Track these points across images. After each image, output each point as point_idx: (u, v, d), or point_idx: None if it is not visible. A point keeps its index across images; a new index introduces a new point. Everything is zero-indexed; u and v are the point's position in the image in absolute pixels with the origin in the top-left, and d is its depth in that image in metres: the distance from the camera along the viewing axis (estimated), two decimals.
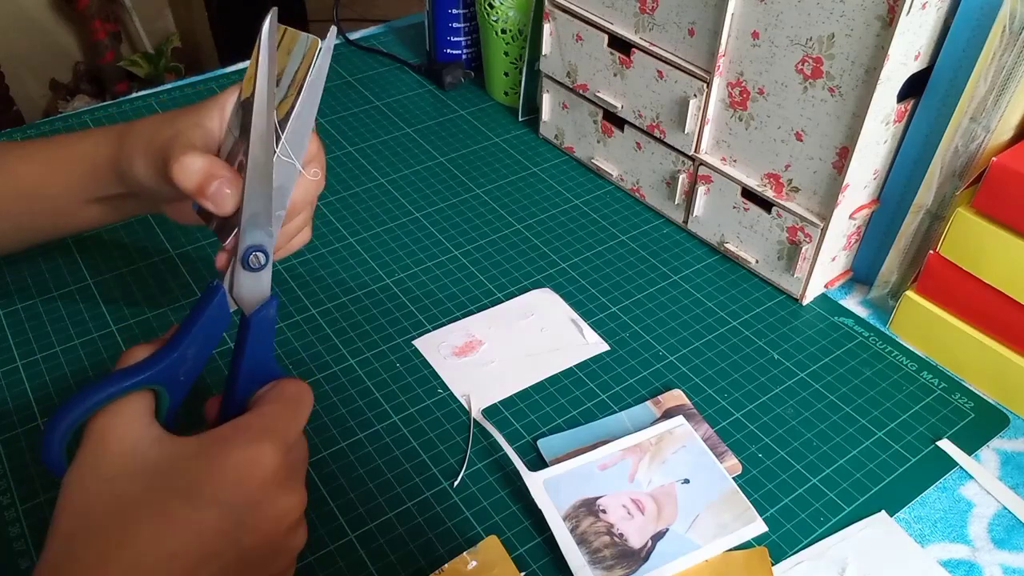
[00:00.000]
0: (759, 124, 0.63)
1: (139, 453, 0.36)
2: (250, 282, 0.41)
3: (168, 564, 0.35)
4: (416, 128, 0.84)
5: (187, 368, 0.40)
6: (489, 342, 0.61)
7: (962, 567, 0.49)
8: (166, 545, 0.35)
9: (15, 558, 0.48)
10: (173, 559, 0.35)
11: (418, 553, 0.48)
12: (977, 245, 0.56)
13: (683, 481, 0.51)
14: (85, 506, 0.35)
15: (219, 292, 0.40)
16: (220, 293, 0.40)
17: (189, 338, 0.39)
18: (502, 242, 0.70)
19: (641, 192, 0.75)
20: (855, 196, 0.61)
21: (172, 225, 0.70)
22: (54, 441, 0.37)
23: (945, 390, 0.59)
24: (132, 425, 0.37)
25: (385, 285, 0.66)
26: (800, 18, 0.56)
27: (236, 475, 0.36)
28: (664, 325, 0.63)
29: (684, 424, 0.55)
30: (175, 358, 0.39)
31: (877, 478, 0.53)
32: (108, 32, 1.95)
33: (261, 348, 0.42)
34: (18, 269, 0.65)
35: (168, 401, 0.39)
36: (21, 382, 0.57)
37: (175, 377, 0.39)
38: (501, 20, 0.81)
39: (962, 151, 0.56)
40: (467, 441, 0.54)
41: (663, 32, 0.66)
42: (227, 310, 0.41)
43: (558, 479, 0.51)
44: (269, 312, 0.42)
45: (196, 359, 0.40)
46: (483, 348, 0.60)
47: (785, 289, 0.66)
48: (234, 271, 0.40)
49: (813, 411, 0.57)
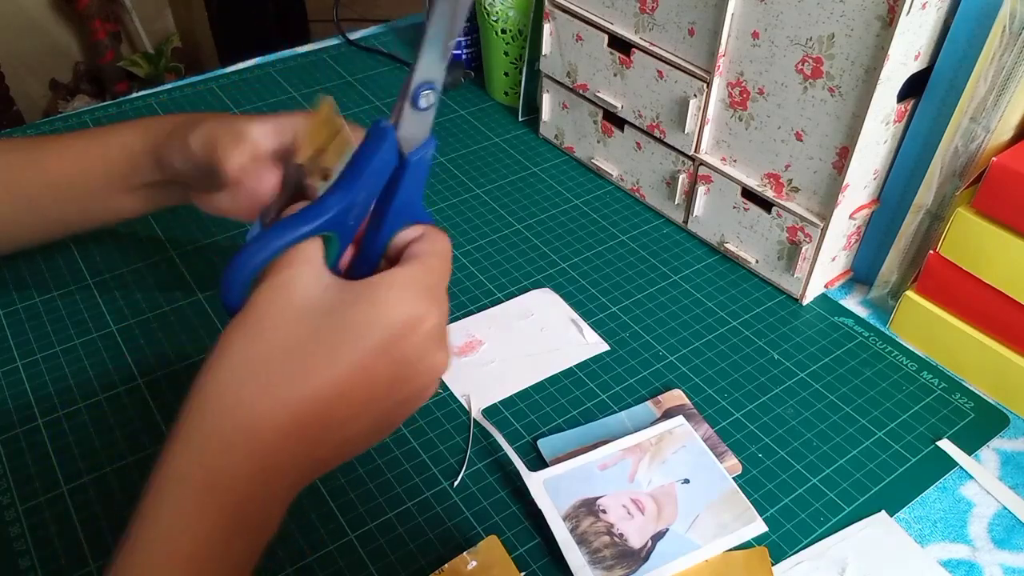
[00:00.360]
0: (759, 124, 0.63)
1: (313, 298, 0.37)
2: (416, 122, 0.39)
3: (335, 406, 0.36)
4: None
5: (357, 212, 0.39)
6: (489, 342, 0.61)
7: (962, 567, 0.49)
8: (335, 387, 0.36)
9: (15, 558, 0.48)
10: (342, 400, 0.36)
11: (418, 553, 0.48)
12: (977, 245, 0.56)
13: (683, 481, 0.51)
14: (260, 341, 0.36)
15: (388, 134, 0.39)
16: (390, 135, 0.39)
17: (360, 183, 0.38)
18: (502, 242, 0.70)
19: (641, 192, 0.75)
20: (855, 196, 0.61)
21: (173, 225, 0.70)
22: (236, 284, 0.37)
23: (945, 390, 0.59)
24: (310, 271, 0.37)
25: None
26: (800, 18, 0.56)
27: (403, 328, 0.37)
28: (664, 325, 0.63)
29: (684, 424, 0.55)
30: (346, 204, 0.38)
31: (877, 478, 0.53)
32: (108, 32, 1.95)
33: (414, 189, 0.40)
34: (18, 268, 0.65)
35: (338, 247, 0.39)
36: (21, 382, 0.57)
37: (346, 222, 0.39)
38: (501, 20, 0.81)
39: (962, 151, 0.56)
40: (467, 441, 0.54)
41: (663, 32, 0.66)
42: (395, 153, 0.39)
43: (558, 479, 0.51)
44: (428, 153, 0.40)
45: (365, 203, 0.39)
46: (483, 348, 0.60)
47: (785, 289, 0.66)
48: (402, 110, 0.39)
49: (813, 411, 0.57)
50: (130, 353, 0.59)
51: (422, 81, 0.39)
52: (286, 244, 0.37)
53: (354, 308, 0.37)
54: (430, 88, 0.39)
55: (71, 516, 0.50)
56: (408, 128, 0.39)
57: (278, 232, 0.37)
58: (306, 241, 0.38)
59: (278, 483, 0.36)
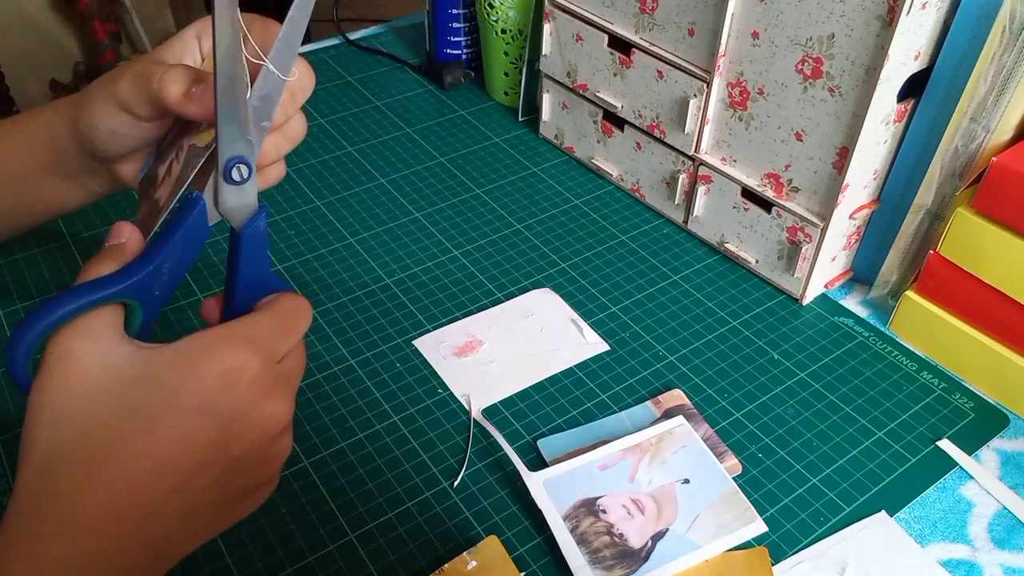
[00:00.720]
0: (759, 124, 0.63)
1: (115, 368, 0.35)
2: (235, 196, 0.39)
3: (158, 478, 0.34)
4: (416, 128, 0.84)
5: (163, 283, 0.37)
6: (489, 342, 0.61)
7: (962, 567, 0.49)
8: (155, 458, 0.34)
9: None
10: (163, 472, 0.34)
11: (418, 553, 0.48)
12: (977, 245, 0.56)
13: (683, 481, 0.51)
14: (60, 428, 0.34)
15: (199, 204, 0.38)
16: (200, 205, 0.38)
17: (166, 251, 0.37)
18: (502, 242, 0.70)
19: (641, 192, 0.75)
20: (855, 196, 0.61)
21: None
22: (19, 352, 0.34)
23: (945, 390, 0.59)
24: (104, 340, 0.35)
25: (385, 285, 0.66)
26: (800, 18, 0.56)
27: (221, 383, 0.35)
28: (664, 325, 0.63)
29: (684, 424, 0.55)
30: (151, 271, 0.37)
31: (877, 478, 0.53)
32: (108, 32, 1.95)
33: (255, 263, 0.40)
34: (18, 269, 0.65)
35: (142, 316, 0.37)
36: None
37: (150, 292, 0.37)
38: (501, 20, 0.81)
39: (962, 151, 0.56)
40: (467, 441, 0.54)
41: (663, 32, 0.66)
42: (206, 223, 0.39)
43: (558, 479, 0.51)
44: (259, 225, 0.39)
45: (172, 274, 0.38)
46: (483, 348, 0.60)
47: (785, 289, 0.66)
48: (217, 185, 0.38)
49: (813, 411, 0.57)
50: None
51: (229, 156, 0.38)
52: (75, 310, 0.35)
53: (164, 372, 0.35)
54: (240, 162, 0.38)
55: None
56: (230, 201, 0.39)
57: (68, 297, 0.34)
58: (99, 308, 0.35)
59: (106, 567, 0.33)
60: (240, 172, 0.38)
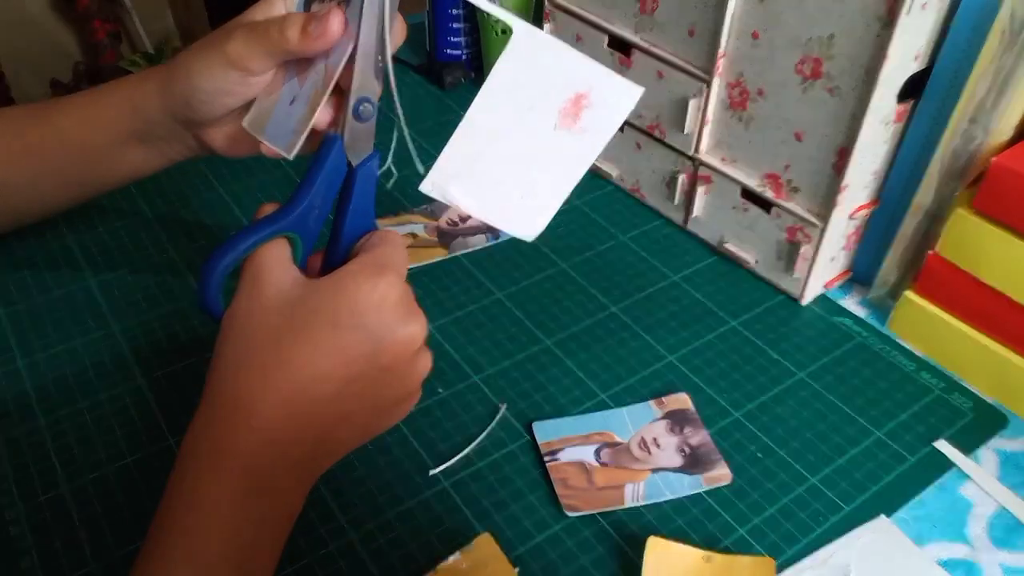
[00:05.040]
0: (759, 124, 0.63)
1: (286, 291, 0.41)
2: (359, 133, 0.44)
3: (321, 384, 0.40)
4: (416, 128, 0.84)
5: (315, 216, 0.44)
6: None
7: (961, 567, 0.49)
8: (318, 367, 0.40)
9: (16, 558, 0.48)
10: (325, 380, 0.40)
11: (418, 553, 0.48)
12: (976, 245, 0.56)
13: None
14: (246, 335, 0.40)
15: (337, 143, 0.44)
16: (338, 144, 0.44)
17: (315, 188, 0.43)
18: (501, 242, 0.70)
19: (641, 192, 0.75)
20: (854, 196, 0.61)
21: (175, 226, 0.70)
22: (211, 285, 0.41)
23: (944, 390, 0.59)
24: (278, 267, 0.41)
25: None
26: (800, 18, 0.56)
27: (371, 302, 0.40)
28: (664, 325, 0.63)
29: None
30: (305, 206, 0.43)
31: (876, 478, 0.53)
32: (108, 32, 1.95)
33: (365, 200, 0.45)
34: (18, 268, 0.65)
35: (302, 247, 0.43)
36: (22, 381, 0.57)
37: (307, 224, 0.43)
38: (501, 20, 0.81)
39: (961, 152, 0.56)
40: (467, 440, 0.54)
41: (663, 32, 0.66)
42: (344, 160, 0.44)
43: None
44: (373, 164, 0.45)
45: (322, 207, 0.44)
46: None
47: (784, 289, 0.66)
48: (345, 122, 0.44)
49: (812, 411, 0.57)
50: (132, 352, 0.59)
51: (359, 96, 0.44)
52: (253, 244, 0.41)
53: (320, 297, 0.40)
54: (367, 102, 0.44)
55: (72, 516, 0.50)
56: (354, 138, 0.44)
57: (244, 235, 0.41)
58: (272, 241, 0.42)
59: (281, 455, 0.40)
60: (367, 109, 0.44)
